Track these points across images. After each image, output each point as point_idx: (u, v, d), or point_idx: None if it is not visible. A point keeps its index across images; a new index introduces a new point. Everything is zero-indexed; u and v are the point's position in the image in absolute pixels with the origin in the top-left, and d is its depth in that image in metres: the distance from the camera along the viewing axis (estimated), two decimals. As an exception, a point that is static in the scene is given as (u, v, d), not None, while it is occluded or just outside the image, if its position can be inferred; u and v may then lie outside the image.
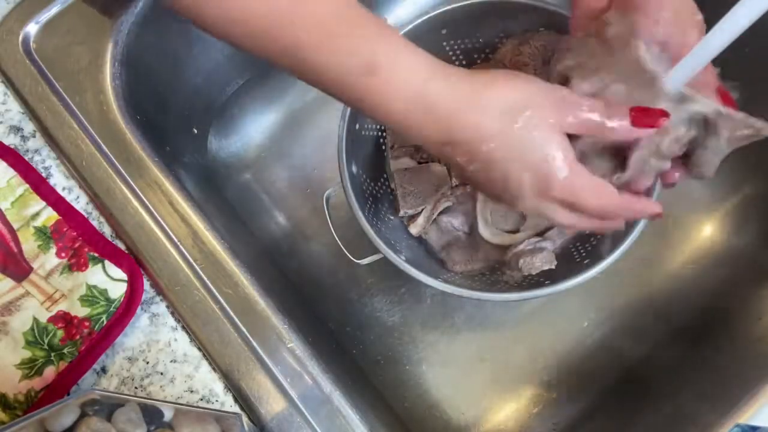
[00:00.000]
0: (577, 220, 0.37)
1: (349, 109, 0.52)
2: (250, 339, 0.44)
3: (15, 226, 0.45)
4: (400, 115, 0.34)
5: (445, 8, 0.53)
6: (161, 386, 0.43)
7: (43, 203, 0.46)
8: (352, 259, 0.55)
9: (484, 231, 0.58)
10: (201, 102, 0.66)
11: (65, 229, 0.45)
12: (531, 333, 0.63)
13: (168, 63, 0.58)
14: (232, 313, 0.45)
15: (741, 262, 0.63)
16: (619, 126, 0.34)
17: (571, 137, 0.35)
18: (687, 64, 0.35)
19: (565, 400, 0.61)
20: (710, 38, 0.33)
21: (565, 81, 0.38)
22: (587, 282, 0.48)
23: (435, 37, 0.57)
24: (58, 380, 0.42)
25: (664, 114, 0.34)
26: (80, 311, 0.43)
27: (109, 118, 0.49)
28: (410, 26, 0.53)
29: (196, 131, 0.66)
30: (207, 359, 0.44)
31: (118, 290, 0.44)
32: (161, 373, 0.43)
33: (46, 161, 0.48)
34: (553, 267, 0.52)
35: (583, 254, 0.54)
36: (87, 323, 0.43)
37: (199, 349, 0.44)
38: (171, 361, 0.44)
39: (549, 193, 0.35)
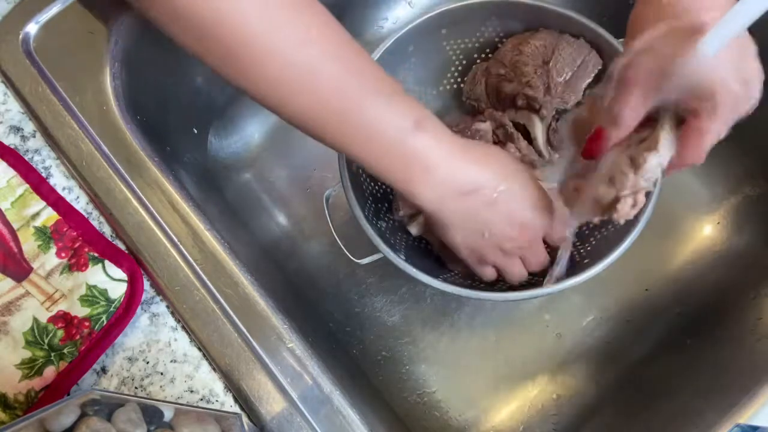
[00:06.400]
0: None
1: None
2: (250, 339, 0.44)
3: (15, 226, 0.45)
4: (445, 161, 0.41)
5: (445, 8, 0.53)
6: (161, 386, 0.43)
7: (43, 203, 0.46)
8: (352, 259, 0.55)
9: (484, 231, 0.58)
10: (201, 102, 0.66)
11: (65, 229, 0.45)
12: (531, 333, 0.63)
13: (168, 63, 0.58)
14: (232, 313, 0.45)
15: (741, 262, 0.63)
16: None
17: None
18: (721, 31, 0.34)
19: (565, 399, 0.61)
20: (742, 5, 0.32)
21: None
22: (587, 282, 0.48)
23: (435, 37, 0.57)
24: (58, 380, 0.42)
25: None
26: (80, 311, 0.43)
27: (109, 118, 0.49)
28: (410, 26, 0.53)
29: (196, 131, 0.66)
30: (207, 359, 0.44)
31: (118, 290, 0.44)
32: (161, 373, 0.43)
33: (46, 161, 0.48)
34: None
35: (583, 254, 0.54)
36: (87, 323, 0.43)
37: (199, 349, 0.44)
38: (171, 361, 0.44)
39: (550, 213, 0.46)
